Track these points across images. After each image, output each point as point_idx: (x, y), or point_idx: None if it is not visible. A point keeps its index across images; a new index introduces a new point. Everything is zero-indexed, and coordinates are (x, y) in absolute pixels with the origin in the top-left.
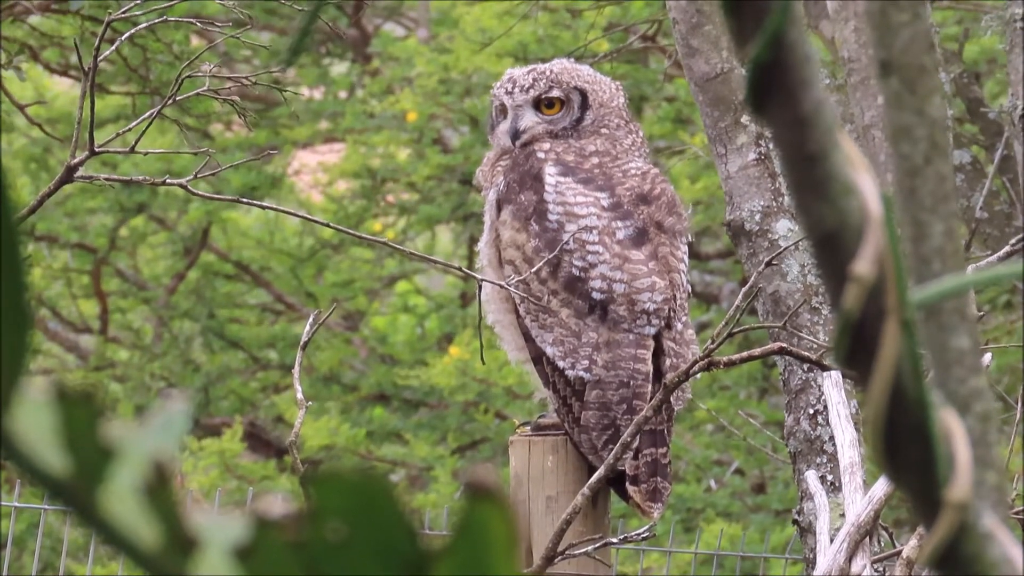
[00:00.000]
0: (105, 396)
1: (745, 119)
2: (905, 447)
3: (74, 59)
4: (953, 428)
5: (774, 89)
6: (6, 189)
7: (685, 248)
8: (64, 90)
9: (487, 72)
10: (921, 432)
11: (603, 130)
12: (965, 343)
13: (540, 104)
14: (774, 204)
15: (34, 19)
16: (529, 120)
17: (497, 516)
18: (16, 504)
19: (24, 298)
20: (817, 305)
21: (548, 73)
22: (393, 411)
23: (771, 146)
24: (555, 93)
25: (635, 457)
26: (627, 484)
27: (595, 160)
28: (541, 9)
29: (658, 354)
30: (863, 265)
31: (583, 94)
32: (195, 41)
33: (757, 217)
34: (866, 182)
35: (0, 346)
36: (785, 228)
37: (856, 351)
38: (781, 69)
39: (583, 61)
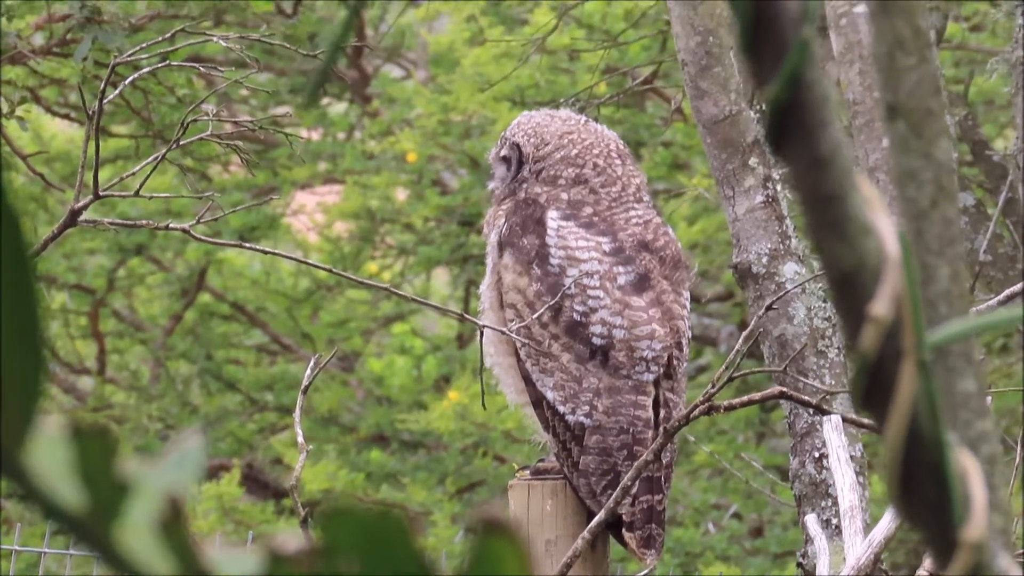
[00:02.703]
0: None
1: (753, 161)
2: (921, 486)
3: (73, 98)
4: (969, 468)
5: (792, 129)
6: (20, 226)
7: (688, 296)
8: (61, 130)
9: (484, 114)
10: (937, 471)
11: (560, 180)
12: (971, 386)
13: (506, 162)
14: (781, 247)
15: (34, 61)
16: (497, 179)
17: (510, 550)
18: (16, 547)
19: (40, 337)
20: (823, 348)
21: (505, 132)
22: (391, 453)
23: (779, 188)
24: (504, 152)
25: (632, 504)
26: (623, 530)
27: (589, 210)
28: (539, 52)
29: (656, 404)
30: (881, 306)
31: (518, 147)
32: (196, 82)
33: (764, 260)
34: (883, 223)
35: (16, 383)
36: (792, 271)
37: (873, 391)
38: (799, 109)
39: (584, 105)
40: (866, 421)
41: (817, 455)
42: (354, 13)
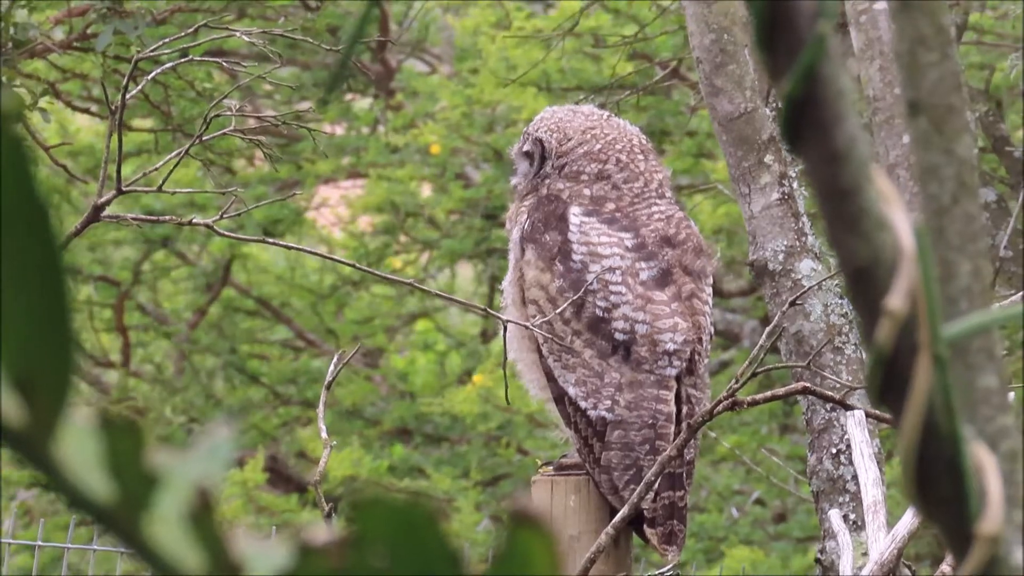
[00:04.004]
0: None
1: (769, 159)
2: (937, 481)
3: (95, 92)
4: (985, 462)
5: (808, 124)
6: (50, 218)
7: (710, 290)
8: (85, 124)
9: (510, 106)
10: (953, 466)
11: (582, 176)
12: (992, 382)
13: (529, 157)
14: (797, 244)
15: (55, 55)
16: (520, 174)
17: (539, 542)
18: (39, 543)
19: (70, 329)
20: (840, 345)
21: (528, 128)
22: (415, 446)
23: (794, 186)
24: (527, 148)
25: (653, 500)
26: (644, 526)
27: (611, 206)
28: (567, 35)
29: (678, 399)
30: (896, 300)
31: (540, 143)
32: (217, 75)
33: (780, 257)
34: (899, 217)
35: (46, 374)
36: (808, 268)
37: (889, 386)
38: (815, 104)
39: (609, 92)
40: (889, 416)
41: (834, 451)
42: (374, 5)
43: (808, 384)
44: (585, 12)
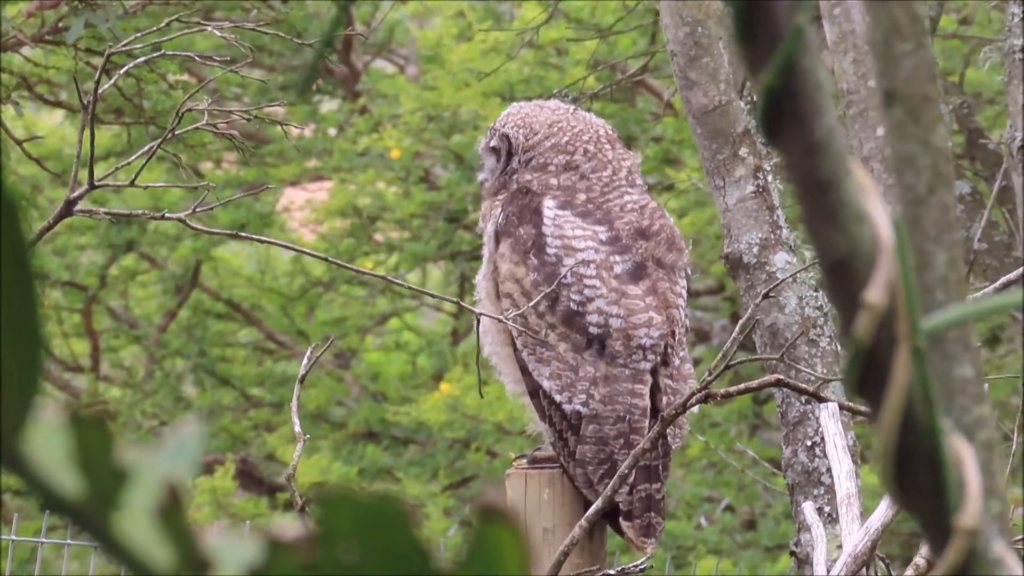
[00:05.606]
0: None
1: (743, 151)
2: (915, 473)
3: (63, 95)
4: (963, 454)
5: (786, 116)
6: (17, 209)
7: (684, 283)
8: (51, 130)
9: (472, 109)
10: (932, 458)
11: (550, 167)
12: (969, 372)
13: (496, 153)
14: (772, 237)
15: (27, 51)
16: (487, 170)
17: (509, 537)
18: (14, 538)
19: (37, 319)
20: (815, 337)
21: (495, 123)
22: (383, 449)
23: (769, 178)
24: (494, 143)
25: (629, 492)
26: (620, 519)
27: (583, 196)
28: (527, 47)
29: (654, 391)
30: (875, 293)
31: (507, 138)
32: (186, 78)
33: (755, 250)
34: (877, 209)
35: (14, 369)
36: (783, 260)
37: (867, 378)
38: (793, 96)
39: (578, 96)
40: (864, 409)
41: (809, 443)
42: (343, 9)
43: (782, 377)
44: (548, 24)
